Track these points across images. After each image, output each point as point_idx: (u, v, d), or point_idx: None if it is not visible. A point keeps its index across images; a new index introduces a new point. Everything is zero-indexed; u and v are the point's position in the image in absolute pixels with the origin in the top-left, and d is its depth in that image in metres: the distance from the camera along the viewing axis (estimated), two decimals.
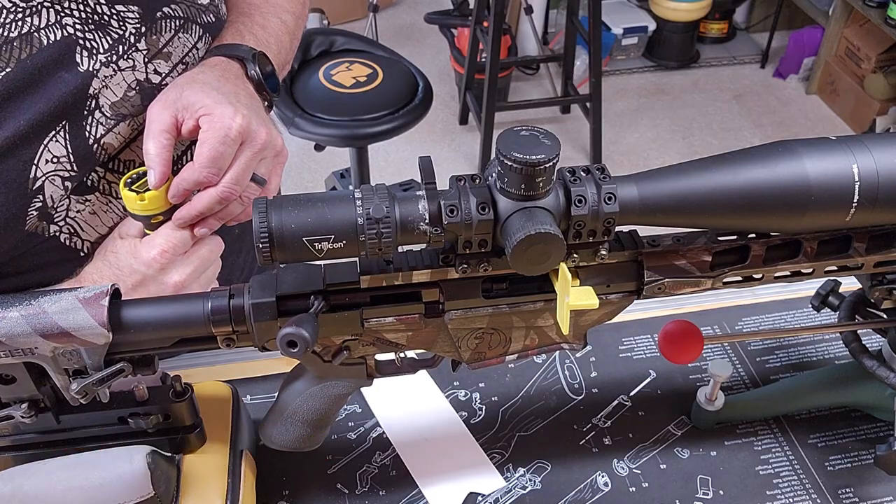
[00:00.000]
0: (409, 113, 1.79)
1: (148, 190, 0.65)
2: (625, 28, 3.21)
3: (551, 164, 0.46)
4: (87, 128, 0.67)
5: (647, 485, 0.72)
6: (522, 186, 0.46)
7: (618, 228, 0.50)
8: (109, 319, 0.51)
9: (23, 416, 0.57)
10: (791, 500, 0.71)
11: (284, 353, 0.49)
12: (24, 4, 0.62)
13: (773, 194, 0.49)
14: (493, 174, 0.48)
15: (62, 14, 0.65)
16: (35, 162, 0.64)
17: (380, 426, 0.76)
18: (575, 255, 0.52)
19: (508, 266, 0.49)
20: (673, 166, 0.51)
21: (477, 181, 0.49)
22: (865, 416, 0.77)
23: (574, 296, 0.49)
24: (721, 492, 0.71)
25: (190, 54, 0.75)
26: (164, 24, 0.72)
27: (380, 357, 0.60)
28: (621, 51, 3.28)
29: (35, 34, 0.63)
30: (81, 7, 0.66)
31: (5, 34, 0.61)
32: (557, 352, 0.76)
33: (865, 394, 0.73)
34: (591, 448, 0.75)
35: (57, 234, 0.68)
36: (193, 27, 0.76)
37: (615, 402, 0.79)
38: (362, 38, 1.97)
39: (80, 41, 0.66)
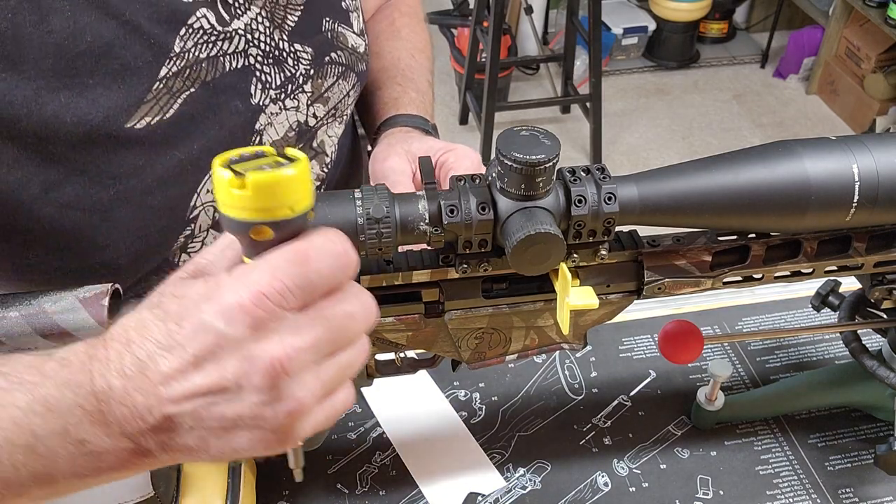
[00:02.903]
0: None
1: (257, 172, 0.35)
2: (625, 28, 3.21)
3: (551, 164, 0.46)
4: None
5: (647, 485, 0.72)
6: (522, 186, 0.46)
7: (618, 228, 0.50)
8: (109, 319, 0.51)
9: None
10: (791, 500, 0.71)
11: None
12: (221, 28, 0.61)
13: (773, 194, 0.49)
14: (493, 174, 0.48)
15: (250, 44, 0.64)
16: (197, 190, 0.63)
17: (380, 426, 0.76)
18: (575, 255, 0.52)
19: (508, 266, 0.49)
20: (673, 166, 0.51)
21: (477, 181, 0.49)
22: (865, 416, 0.77)
23: (574, 296, 0.49)
24: (721, 492, 0.71)
25: (342, 101, 0.76)
26: (329, 69, 0.73)
27: (380, 357, 0.60)
28: (621, 51, 3.28)
29: (221, 58, 0.62)
30: (267, 40, 0.65)
31: (197, 54, 0.60)
32: (557, 352, 0.76)
33: (865, 394, 0.73)
34: (591, 448, 0.75)
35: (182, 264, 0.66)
36: (350, 75, 0.76)
37: (615, 402, 0.79)
38: None
39: (257, 73, 0.65)
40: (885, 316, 0.70)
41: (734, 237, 0.57)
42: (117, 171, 0.58)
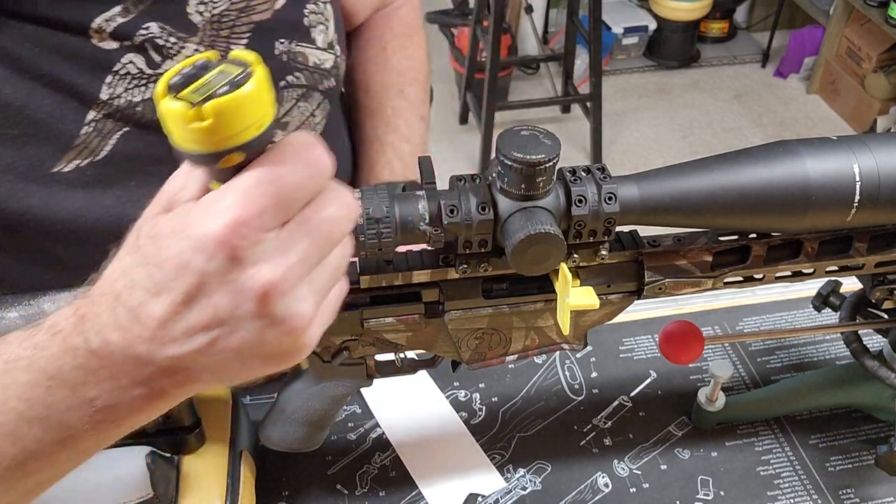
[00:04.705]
0: None
1: (213, 96, 0.32)
2: (625, 27, 3.21)
3: (551, 163, 0.45)
4: None
5: (647, 485, 0.72)
6: (522, 186, 0.46)
7: (618, 228, 0.50)
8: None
9: None
10: (792, 500, 0.71)
11: None
12: (152, 71, 0.61)
13: (774, 194, 0.49)
14: (494, 174, 0.48)
15: None
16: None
17: (380, 427, 0.76)
18: (575, 255, 0.52)
19: (508, 266, 0.49)
20: (673, 166, 0.50)
21: (477, 181, 0.48)
22: (866, 417, 0.77)
23: (574, 296, 0.49)
24: (722, 492, 0.71)
25: (307, 122, 0.74)
26: (285, 93, 0.70)
27: (380, 357, 0.60)
28: (621, 50, 3.28)
29: None
30: None
31: (129, 98, 0.60)
32: (557, 352, 0.76)
33: (866, 394, 0.73)
34: (592, 449, 0.75)
35: None
36: (314, 94, 0.74)
37: (615, 403, 0.79)
38: None
39: None
40: (886, 316, 0.70)
41: (735, 237, 0.56)
42: (55, 216, 0.59)
